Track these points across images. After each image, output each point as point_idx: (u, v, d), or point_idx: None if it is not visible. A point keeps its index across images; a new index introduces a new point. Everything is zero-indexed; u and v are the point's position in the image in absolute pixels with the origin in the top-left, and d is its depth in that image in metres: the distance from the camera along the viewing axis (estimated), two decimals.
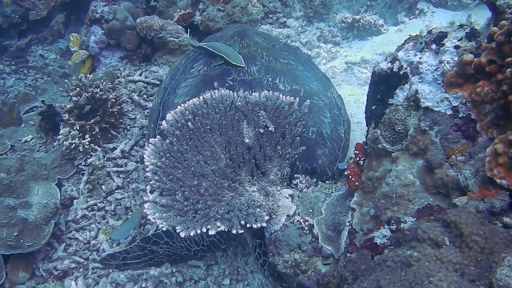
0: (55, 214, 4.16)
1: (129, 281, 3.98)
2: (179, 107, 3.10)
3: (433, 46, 2.55)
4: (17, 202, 3.95)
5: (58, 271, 4.09)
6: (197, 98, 3.15)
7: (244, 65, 3.78)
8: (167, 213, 2.67)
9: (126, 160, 4.77)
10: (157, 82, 5.53)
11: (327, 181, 3.36)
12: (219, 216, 2.67)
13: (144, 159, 2.91)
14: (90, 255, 4.25)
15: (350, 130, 3.94)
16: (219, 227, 2.61)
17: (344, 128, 3.87)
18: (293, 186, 3.31)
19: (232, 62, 3.79)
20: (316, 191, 3.18)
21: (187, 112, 3.08)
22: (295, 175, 3.36)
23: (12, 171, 4.21)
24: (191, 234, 2.54)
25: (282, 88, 3.73)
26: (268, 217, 2.78)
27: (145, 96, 5.42)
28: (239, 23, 4.79)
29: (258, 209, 2.76)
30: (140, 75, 5.66)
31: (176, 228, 2.58)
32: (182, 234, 2.55)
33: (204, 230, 2.56)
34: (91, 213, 4.46)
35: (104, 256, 4.17)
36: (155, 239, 3.84)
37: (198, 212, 2.72)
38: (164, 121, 3.05)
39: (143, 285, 3.89)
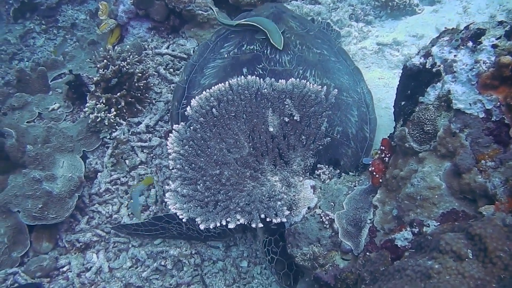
0: (79, 187, 4.22)
1: (149, 257, 4.05)
2: (204, 92, 3.06)
3: (470, 44, 2.44)
4: (42, 175, 4.01)
5: (81, 243, 4.18)
6: (222, 84, 3.11)
7: (281, 48, 3.70)
8: (187, 204, 2.67)
9: (151, 135, 4.78)
10: (184, 55, 5.47)
11: (350, 173, 3.30)
12: (239, 209, 2.66)
13: (168, 146, 2.91)
14: (111, 229, 4.33)
15: (376, 129, 3.83)
16: (238, 220, 2.60)
17: (370, 127, 3.77)
18: (316, 176, 3.27)
19: (271, 41, 3.71)
20: (338, 183, 3.14)
21: (212, 98, 3.04)
22: (318, 165, 3.32)
23: (38, 141, 4.26)
24: (211, 227, 2.54)
25: (313, 83, 3.63)
26: (288, 212, 2.75)
27: (171, 70, 5.37)
28: (274, 3, 4.60)
29: (279, 203, 2.74)
30: (168, 47, 5.60)
31: (196, 219, 2.58)
32: (202, 226, 2.56)
33: (223, 223, 2.56)
34: (114, 187, 4.51)
35: (118, 225, 4.27)
36: (167, 219, 3.88)
37: (219, 203, 2.71)
38: (188, 107, 3.02)
39: (162, 263, 3.96)
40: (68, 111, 5.24)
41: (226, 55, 3.94)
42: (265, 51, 3.78)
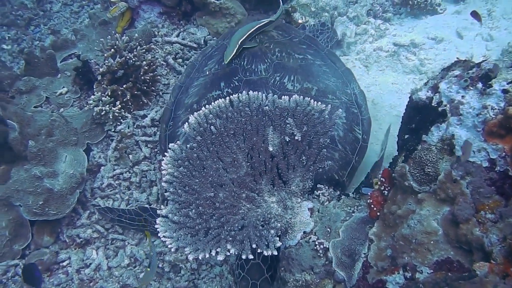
0: (80, 184, 4.21)
1: (147, 258, 4.06)
2: (203, 109, 2.98)
3: (479, 85, 2.32)
4: (44, 171, 4.01)
5: (81, 239, 4.21)
6: (223, 99, 3.01)
7: (225, 62, 3.71)
8: (177, 232, 2.62)
9: (156, 129, 4.72)
10: (194, 45, 5.35)
11: (351, 195, 3.22)
12: (230, 238, 2.61)
13: (161, 168, 2.85)
14: (112, 225, 4.33)
15: (370, 130, 3.76)
16: (229, 250, 2.56)
17: (363, 128, 3.70)
18: (315, 197, 3.21)
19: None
20: (337, 207, 3.07)
21: (211, 115, 2.96)
22: (318, 185, 3.25)
23: (42, 133, 4.24)
24: (200, 257, 2.50)
25: (290, 88, 3.61)
26: (280, 243, 2.70)
27: (180, 60, 5.27)
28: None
29: (273, 231, 2.68)
30: (178, 35, 5.47)
31: (185, 249, 2.55)
32: (191, 257, 2.52)
33: (213, 253, 2.52)
34: (116, 182, 4.50)
35: (103, 207, 4.31)
36: (151, 212, 3.91)
37: (210, 231, 2.67)
38: (186, 124, 2.94)
39: (160, 265, 3.97)
40: (75, 96, 5.18)
41: (208, 73, 3.98)
42: (242, 62, 3.78)
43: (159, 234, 2.62)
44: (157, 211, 2.76)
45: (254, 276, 2.94)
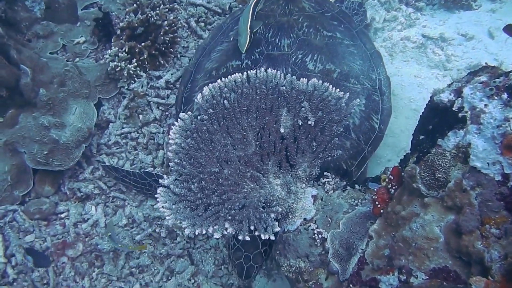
0: (87, 138, 4.19)
1: (145, 220, 4.06)
2: (218, 81, 2.91)
3: (504, 96, 2.23)
4: (52, 121, 3.98)
5: (82, 194, 4.22)
6: (240, 74, 2.94)
7: (243, 52, 3.53)
8: (177, 204, 2.60)
9: (169, 91, 4.66)
10: (219, 10, 5.23)
11: (356, 186, 3.17)
12: (229, 217, 2.59)
13: (169, 136, 2.81)
14: (114, 183, 4.33)
15: (389, 120, 3.63)
16: (226, 229, 2.54)
17: (381, 117, 3.58)
18: (320, 184, 3.16)
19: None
20: (341, 197, 3.03)
21: (226, 89, 2.90)
22: (325, 173, 3.19)
23: (55, 82, 4.19)
24: (196, 233, 2.48)
25: (311, 68, 3.50)
26: (279, 228, 2.66)
27: (202, 24, 5.16)
28: None
29: (273, 215, 2.65)
30: None
31: (183, 223, 2.52)
32: (187, 231, 2.50)
33: (210, 230, 2.49)
34: (123, 140, 4.47)
35: (109, 165, 4.30)
36: (156, 177, 3.89)
37: (210, 207, 2.64)
38: (199, 94, 2.88)
39: (157, 229, 3.97)
40: (92, 47, 5.10)
41: (232, 38, 3.87)
42: (267, 34, 3.68)
43: (158, 204, 2.60)
44: (160, 180, 2.73)
45: (248, 248, 2.92)
